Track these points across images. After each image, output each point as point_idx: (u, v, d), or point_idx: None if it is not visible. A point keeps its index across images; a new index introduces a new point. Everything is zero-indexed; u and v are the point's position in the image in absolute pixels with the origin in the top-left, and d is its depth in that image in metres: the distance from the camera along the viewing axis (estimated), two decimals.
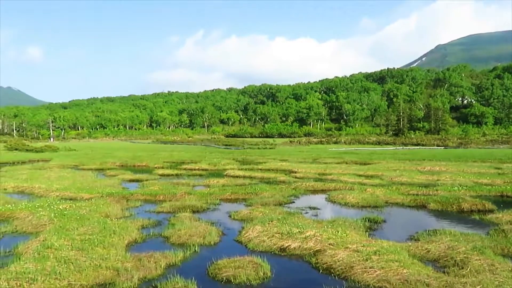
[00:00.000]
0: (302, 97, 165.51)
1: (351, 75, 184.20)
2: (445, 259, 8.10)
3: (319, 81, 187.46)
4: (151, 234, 10.50)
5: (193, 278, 7.09)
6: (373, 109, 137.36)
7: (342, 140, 75.20)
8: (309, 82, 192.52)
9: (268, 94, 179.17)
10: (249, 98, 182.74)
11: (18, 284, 6.56)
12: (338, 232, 9.58)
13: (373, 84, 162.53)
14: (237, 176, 23.24)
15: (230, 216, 12.80)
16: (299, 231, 9.70)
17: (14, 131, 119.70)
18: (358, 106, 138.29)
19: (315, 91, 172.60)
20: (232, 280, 7.26)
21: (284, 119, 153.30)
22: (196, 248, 9.14)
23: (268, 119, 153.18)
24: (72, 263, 7.55)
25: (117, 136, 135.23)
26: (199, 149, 55.99)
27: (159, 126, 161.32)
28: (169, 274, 7.39)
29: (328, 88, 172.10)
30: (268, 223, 10.60)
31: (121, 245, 9.20)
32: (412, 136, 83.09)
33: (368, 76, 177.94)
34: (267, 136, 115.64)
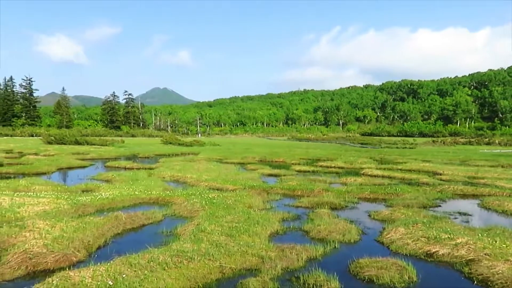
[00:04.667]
0: (448, 93, 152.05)
1: (509, 67, 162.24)
2: None
3: (469, 75, 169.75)
4: (291, 227, 10.82)
5: (335, 274, 7.09)
6: None
7: (496, 141, 66.94)
8: (456, 76, 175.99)
9: (409, 91, 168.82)
10: (387, 95, 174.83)
11: (179, 261, 7.39)
12: (495, 242, 8.58)
13: None
14: (375, 176, 22.51)
15: (369, 215, 12.46)
16: (449, 237, 8.96)
17: (169, 127, 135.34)
18: None
19: (464, 86, 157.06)
20: (375, 281, 7.06)
21: (426, 117, 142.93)
22: (336, 245, 9.13)
23: (408, 117, 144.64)
24: (223, 247, 8.23)
25: (255, 133, 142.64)
26: (334, 147, 55.59)
27: (295, 123, 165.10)
28: (310, 267, 7.52)
29: (479, 82, 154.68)
30: (412, 226, 10.04)
31: (264, 235, 9.69)
32: None
33: None
34: (406, 135, 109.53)
